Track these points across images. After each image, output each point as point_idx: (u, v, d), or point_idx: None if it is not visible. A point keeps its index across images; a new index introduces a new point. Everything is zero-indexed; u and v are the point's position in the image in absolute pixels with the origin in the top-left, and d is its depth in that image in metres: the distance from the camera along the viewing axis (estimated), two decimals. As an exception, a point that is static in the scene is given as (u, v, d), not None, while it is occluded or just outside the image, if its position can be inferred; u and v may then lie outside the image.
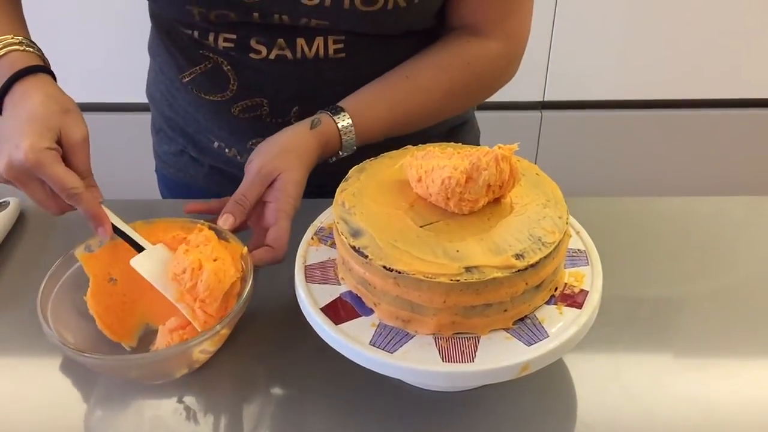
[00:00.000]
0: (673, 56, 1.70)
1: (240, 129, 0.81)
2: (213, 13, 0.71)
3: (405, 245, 0.54)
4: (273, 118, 0.79)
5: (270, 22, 0.71)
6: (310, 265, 0.61)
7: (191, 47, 0.77)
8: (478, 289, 0.52)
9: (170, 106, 0.87)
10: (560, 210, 0.58)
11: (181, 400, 0.60)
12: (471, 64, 0.76)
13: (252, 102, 0.78)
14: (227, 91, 0.78)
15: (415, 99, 0.76)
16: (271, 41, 0.74)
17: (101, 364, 0.59)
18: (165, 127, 0.91)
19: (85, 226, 0.63)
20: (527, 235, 0.55)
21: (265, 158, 0.68)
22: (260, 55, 0.75)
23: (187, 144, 0.89)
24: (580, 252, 0.61)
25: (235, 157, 0.85)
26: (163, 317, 0.62)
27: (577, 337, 0.54)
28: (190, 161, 0.90)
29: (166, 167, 0.94)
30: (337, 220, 0.58)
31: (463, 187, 0.56)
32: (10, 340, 0.66)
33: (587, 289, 0.57)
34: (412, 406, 0.59)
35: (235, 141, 0.83)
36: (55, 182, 0.60)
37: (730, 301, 0.70)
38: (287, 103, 0.78)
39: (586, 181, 1.77)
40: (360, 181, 0.62)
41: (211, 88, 0.79)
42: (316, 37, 0.73)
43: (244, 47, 0.74)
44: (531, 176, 0.62)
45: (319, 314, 0.56)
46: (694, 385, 0.61)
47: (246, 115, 0.80)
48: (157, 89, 0.89)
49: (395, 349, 0.53)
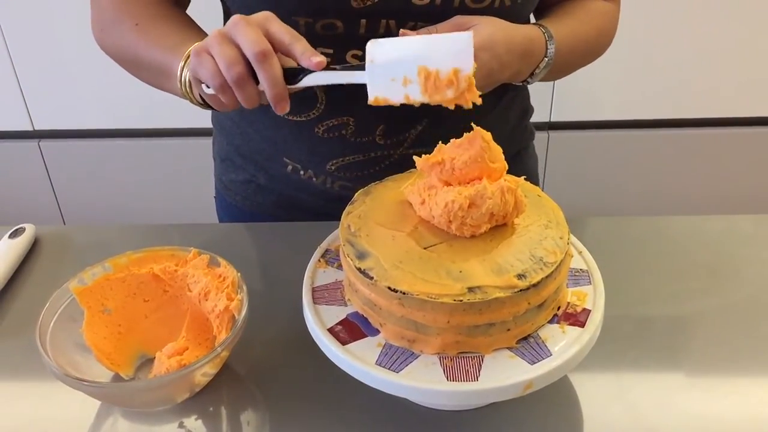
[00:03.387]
0: (679, 76, 1.71)
1: (321, 149, 0.81)
2: (320, 23, 0.71)
3: (409, 266, 0.55)
4: (358, 137, 0.80)
5: (375, 31, 0.72)
6: (317, 287, 0.62)
7: None
8: (481, 309, 0.53)
9: (242, 134, 0.87)
10: (561, 231, 0.59)
11: (182, 425, 0.60)
12: (598, 17, 0.82)
13: (338, 121, 0.79)
14: (314, 111, 0.79)
15: (583, 29, 0.79)
16: None
17: (105, 392, 0.59)
18: (234, 155, 0.91)
19: (98, 251, 0.64)
20: (529, 255, 0.56)
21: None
22: None
23: (257, 172, 0.89)
24: (582, 271, 0.62)
25: (310, 180, 0.84)
26: (159, 345, 0.62)
27: (580, 356, 0.55)
28: (258, 190, 0.90)
29: (231, 195, 0.94)
30: (343, 243, 0.59)
31: (466, 212, 0.57)
32: (21, 367, 0.67)
33: (589, 308, 0.58)
34: (418, 425, 0.60)
35: (315, 162, 0.83)
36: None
37: (736, 319, 0.70)
38: (373, 122, 0.78)
39: (593, 201, 1.78)
40: (365, 204, 0.63)
41: (297, 108, 0.79)
42: None
43: (340, 62, 0.74)
44: (533, 198, 0.63)
45: (326, 335, 0.57)
46: (700, 403, 0.61)
47: (330, 135, 0.80)
48: (228, 117, 0.89)
49: (401, 368, 0.54)
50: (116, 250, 0.67)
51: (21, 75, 1.74)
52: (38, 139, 1.82)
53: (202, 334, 0.65)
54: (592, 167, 1.83)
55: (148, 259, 0.67)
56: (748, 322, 0.69)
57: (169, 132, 1.81)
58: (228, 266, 0.65)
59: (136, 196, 1.91)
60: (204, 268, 0.66)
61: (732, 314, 0.70)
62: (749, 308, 0.71)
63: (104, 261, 0.66)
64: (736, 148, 1.81)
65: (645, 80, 1.72)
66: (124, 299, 0.66)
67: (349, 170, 0.82)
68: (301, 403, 0.62)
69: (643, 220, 0.85)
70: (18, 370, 0.67)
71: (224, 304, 0.62)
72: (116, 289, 0.66)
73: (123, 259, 0.67)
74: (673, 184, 1.86)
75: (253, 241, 0.83)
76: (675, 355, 0.66)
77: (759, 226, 0.83)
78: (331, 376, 0.58)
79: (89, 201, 1.93)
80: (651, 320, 0.69)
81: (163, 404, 0.62)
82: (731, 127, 1.79)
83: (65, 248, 0.65)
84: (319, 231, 0.68)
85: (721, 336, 0.68)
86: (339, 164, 0.81)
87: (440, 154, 0.59)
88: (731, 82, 1.72)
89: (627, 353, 0.66)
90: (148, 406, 0.62)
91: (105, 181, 1.89)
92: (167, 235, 0.86)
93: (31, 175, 1.87)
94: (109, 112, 1.79)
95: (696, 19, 1.63)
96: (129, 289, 0.66)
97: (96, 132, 1.82)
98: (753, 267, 0.77)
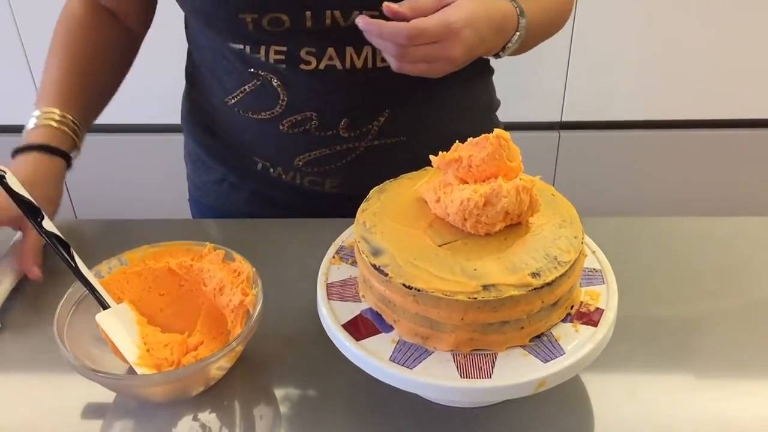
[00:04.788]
0: (689, 76, 1.71)
1: (288, 145, 0.83)
2: (266, 18, 0.72)
3: (424, 263, 0.55)
4: (322, 132, 0.81)
5: (322, 24, 0.73)
6: (331, 283, 0.62)
7: (239, 67, 0.79)
8: (495, 307, 0.53)
9: (211, 134, 0.89)
10: (576, 230, 0.59)
11: (197, 418, 0.61)
12: None
13: (301, 116, 0.80)
14: (276, 107, 0.80)
15: (547, 4, 0.81)
16: (322, 50, 0.75)
17: (120, 384, 0.60)
18: (204, 157, 0.92)
19: (108, 248, 0.65)
20: (543, 254, 0.56)
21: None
22: (310, 65, 0.76)
23: (228, 172, 0.90)
24: (595, 271, 0.62)
25: (280, 177, 0.86)
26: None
27: (593, 354, 0.55)
28: (229, 189, 0.91)
29: (203, 196, 0.96)
30: (358, 239, 0.59)
31: (481, 210, 0.57)
32: (37, 359, 0.68)
33: (603, 307, 0.58)
34: (430, 421, 0.60)
35: (282, 159, 0.85)
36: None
37: (747, 319, 0.70)
38: (336, 115, 0.80)
39: (604, 201, 1.77)
40: (380, 201, 0.63)
41: (259, 106, 0.81)
42: (365, 46, 0.75)
43: (295, 59, 0.76)
44: (547, 197, 0.63)
45: (340, 330, 0.57)
46: (711, 403, 0.61)
47: (294, 131, 0.81)
48: (194, 119, 0.91)
49: (414, 365, 0.54)
50: (131, 244, 0.68)
51: (35, 70, 1.75)
52: (51, 133, 1.83)
53: (217, 329, 0.65)
54: (602, 167, 1.83)
55: (164, 254, 0.68)
56: (760, 323, 0.69)
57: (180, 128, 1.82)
58: (243, 261, 0.65)
59: (149, 191, 1.92)
60: (219, 262, 0.67)
61: (743, 315, 0.70)
62: (760, 309, 0.71)
63: (121, 255, 0.67)
64: (748, 149, 1.81)
65: (656, 80, 1.72)
66: (139, 293, 0.67)
67: (317, 165, 0.83)
68: (314, 397, 0.63)
69: (653, 220, 0.85)
70: (34, 362, 0.68)
71: (239, 299, 0.63)
72: (132, 283, 0.67)
73: (139, 252, 0.67)
74: (684, 185, 1.85)
75: (267, 236, 0.83)
76: (686, 356, 0.66)
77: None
78: (343, 372, 0.58)
79: (102, 196, 1.94)
80: (662, 320, 0.70)
81: (178, 397, 0.62)
82: (743, 129, 1.78)
83: (79, 242, 0.65)
84: (333, 227, 0.69)
85: (732, 337, 0.68)
86: (306, 159, 0.82)
87: (457, 151, 0.60)
88: (744, 83, 1.72)
89: (638, 353, 0.66)
90: (163, 398, 0.62)
91: (117, 175, 1.90)
92: (182, 230, 0.87)
93: (43, 169, 1.88)
94: (123, 107, 1.78)
95: (712, 18, 1.63)
96: (145, 282, 0.67)
97: (109, 126, 1.83)
98: (764, 268, 0.77)
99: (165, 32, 0.93)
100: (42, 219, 0.64)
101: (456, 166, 0.59)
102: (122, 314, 0.63)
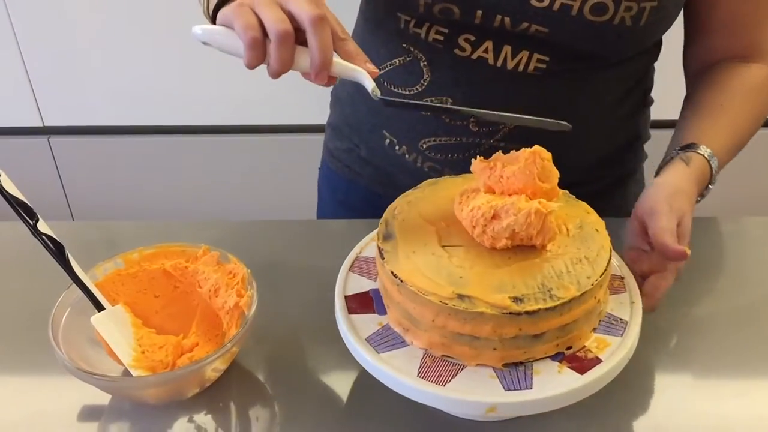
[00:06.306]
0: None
1: (417, 125, 0.83)
2: (438, 6, 0.73)
3: (418, 258, 0.56)
4: (453, 120, 0.81)
5: (490, 23, 0.73)
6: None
7: (395, 40, 0.80)
8: (465, 319, 0.52)
9: (353, 104, 0.91)
10: (594, 272, 0.55)
11: (192, 419, 0.61)
12: (755, 89, 0.79)
13: (438, 100, 0.80)
14: (417, 85, 0.80)
15: (738, 122, 0.77)
16: (480, 41, 0.75)
17: (116, 386, 0.60)
18: (342, 125, 0.94)
19: (107, 248, 0.64)
20: (539, 283, 0.54)
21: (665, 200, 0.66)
22: (464, 52, 0.76)
23: (360, 142, 0.91)
24: (621, 321, 0.58)
25: (403, 156, 0.86)
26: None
27: (559, 401, 0.52)
28: (358, 160, 0.93)
29: (334, 161, 0.97)
30: (381, 221, 0.60)
31: (488, 221, 0.56)
32: (33, 361, 0.67)
33: (603, 358, 0.54)
34: (429, 422, 0.60)
35: (410, 138, 0.85)
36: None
37: (745, 320, 0.70)
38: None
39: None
40: (424, 193, 0.64)
41: (402, 81, 0.81)
42: (523, 50, 0.75)
43: (452, 43, 0.76)
44: (588, 230, 0.59)
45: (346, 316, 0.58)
46: (709, 404, 0.61)
47: (427, 113, 0.82)
48: (344, 89, 0.92)
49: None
50: (126, 246, 0.68)
51: (31, 71, 1.74)
52: (48, 135, 1.83)
53: (212, 330, 0.65)
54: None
55: (159, 255, 0.68)
56: (758, 323, 0.69)
57: (177, 129, 1.82)
58: (238, 263, 0.65)
59: (145, 193, 1.91)
60: (214, 264, 0.66)
61: (741, 316, 0.70)
62: (758, 310, 0.71)
63: (116, 256, 0.67)
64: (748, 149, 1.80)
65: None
66: (135, 295, 0.66)
67: (440, 151, 0.83)
68: (310, 398, 0.62)
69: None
70: (30, 364, 0.67)
71: (234, 301, 0.63)
72: (127, 285, 0.66)
73: (134, 254, 0.67)
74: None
75: (262, 238, 0.83)
76: (684, 357, 0.66)
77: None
78: (339, 373, 0.58)
79: (98, 197, 1.94)
80: (660, 321, 0.69)
81: (173, 399, 0.62)
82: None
83: (74, 244, 0.65)
84: (326, 229, 0.68)
85: (730, 337, 0.68)
86: (431, 144, 0.83)
87: (495, 159, 0.59)
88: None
89: (637, 353, 0.65)
90: (158, 400, 0.62)
91: (114, 177, 1.90)
92: (177, 231, 0.87)
93: (40, 171, 1.88)
94: (119, 108, 1.79)
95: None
96: (140, 284, 0.67)
97: (105, 129, 1.83)
98: (762, 269, 0.76)
99: (165, 32, 0.93)
100: (37, 221, 0.64)
101: (489, 174, 0.58)
102: (117, 316, 0.63)
